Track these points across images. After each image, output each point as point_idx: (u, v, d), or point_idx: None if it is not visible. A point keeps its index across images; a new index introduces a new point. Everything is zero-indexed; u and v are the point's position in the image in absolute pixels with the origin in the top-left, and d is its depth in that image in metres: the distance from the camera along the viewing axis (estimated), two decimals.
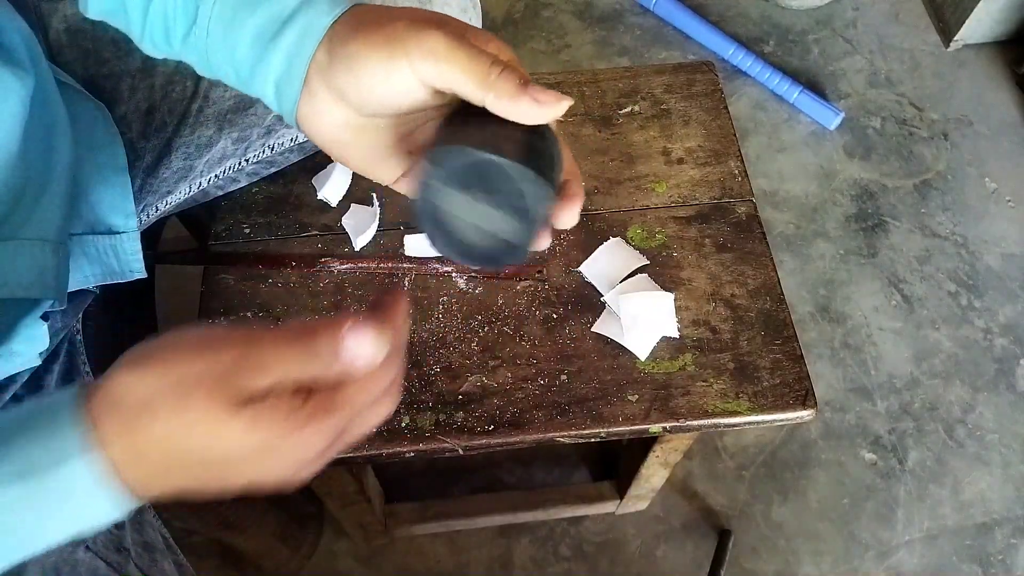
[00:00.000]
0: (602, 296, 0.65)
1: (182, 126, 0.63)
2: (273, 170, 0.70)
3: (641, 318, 0.62)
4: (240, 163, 0.65)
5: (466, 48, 0.35)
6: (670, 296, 0.64)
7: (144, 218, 0.63)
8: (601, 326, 0.64)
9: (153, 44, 0.44)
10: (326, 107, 0.40)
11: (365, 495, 0.87)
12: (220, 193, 0.69)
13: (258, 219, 0.68)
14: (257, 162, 0.65)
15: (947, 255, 1.34)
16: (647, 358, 0.62)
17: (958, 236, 1.36)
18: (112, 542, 0.55)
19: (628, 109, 0.76)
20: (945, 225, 1.38)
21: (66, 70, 0.59)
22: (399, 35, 0.36)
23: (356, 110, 0.39)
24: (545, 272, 0.64)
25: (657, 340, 0.63)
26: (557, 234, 0.68)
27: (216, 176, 0.65)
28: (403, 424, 0.59)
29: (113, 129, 0.54)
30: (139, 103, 0.61)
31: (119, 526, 0.55)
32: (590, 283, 0.66)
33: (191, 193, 0.65)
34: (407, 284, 0.66)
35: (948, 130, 1.48)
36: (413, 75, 0.36)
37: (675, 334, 0.64)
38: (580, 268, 0.66)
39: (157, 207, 0.64)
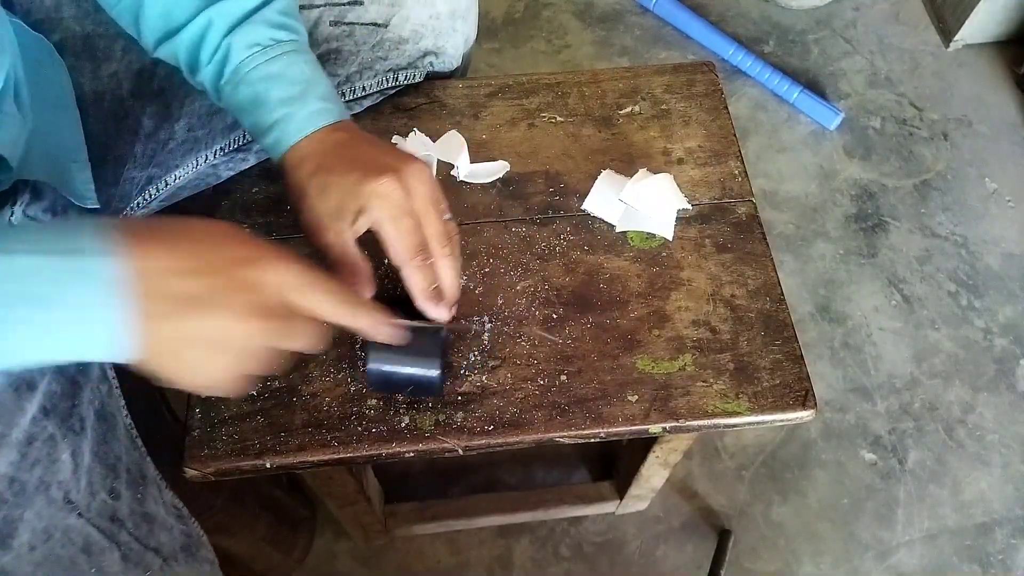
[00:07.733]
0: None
1: (181, 91, 0.64)
2: None
3: (653, 199, 0.68)
4: (247, 134, 0.65)
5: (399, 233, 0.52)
6: (668, 175, 0.69)
7: (154, 192, 0.64)
8: (626, 223, 0.68)
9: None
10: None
11: (365, 495, 0.87)
12: (231, 173, 0.68)
13: (258, 219, 0.68)
14: None
15: (947, 255, 1.34)
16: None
17: (958, 236, 1.36)
18: (106, 511, 0.54)
19: (628, 109, 0.76)
20: (945, 225, 1.38)
21: (62, 25, 0.61)
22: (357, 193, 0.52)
23: None
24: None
25: (675, 215, 0.68)
26: (557, 232, 0.68)
27: (222, 149, 0.65)
28: (403, 424, 0.59)
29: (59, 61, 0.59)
30: (131, 63, 0.63)
31: (115, 495, 0.54)
32: (588, 280, 0.66)
33: (199, 168, 0.65)
34: None
35: (948, 130, 1.48)
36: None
37: (688, 206, 0.69)
38: (585, 206, 0.69)
39: (166, 181, 0.64)
